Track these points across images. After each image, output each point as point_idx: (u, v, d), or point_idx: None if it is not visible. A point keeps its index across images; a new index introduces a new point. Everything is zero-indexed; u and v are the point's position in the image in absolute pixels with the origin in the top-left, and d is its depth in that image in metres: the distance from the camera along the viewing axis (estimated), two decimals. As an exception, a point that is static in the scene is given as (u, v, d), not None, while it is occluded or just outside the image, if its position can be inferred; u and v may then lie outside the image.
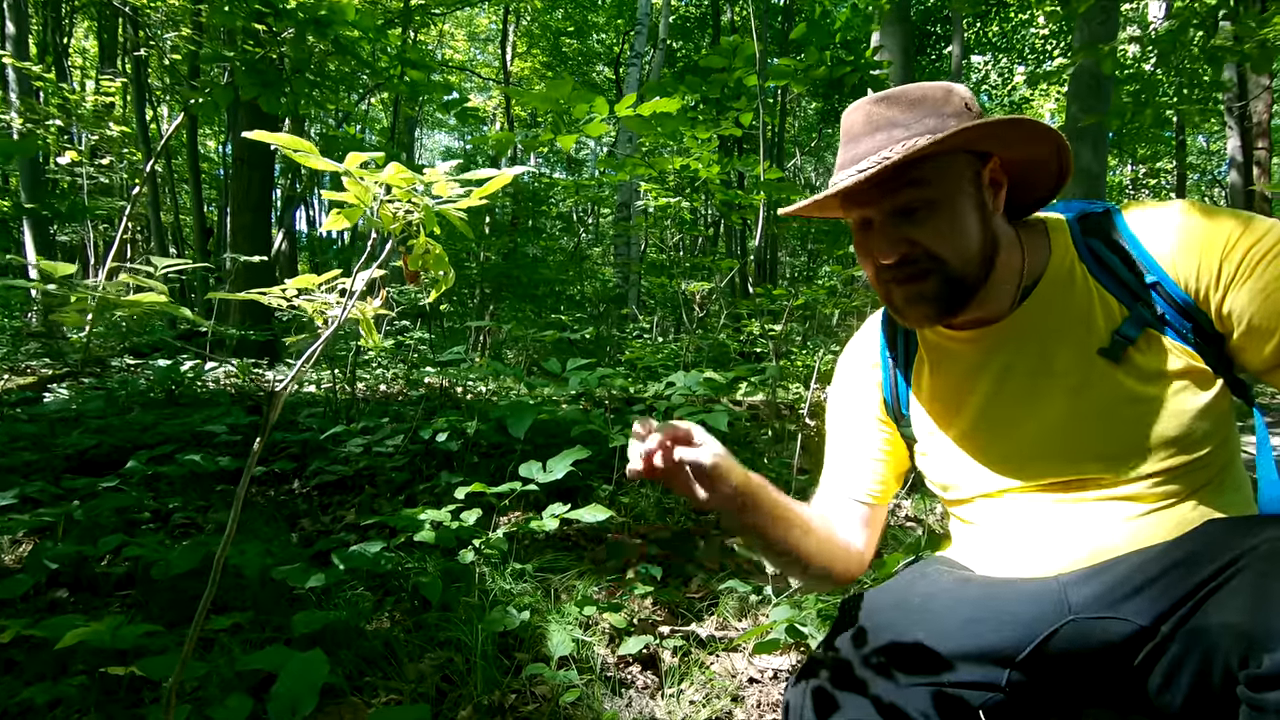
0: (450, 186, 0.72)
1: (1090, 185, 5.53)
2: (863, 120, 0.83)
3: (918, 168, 0.79)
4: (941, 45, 12.92)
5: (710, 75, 3.00)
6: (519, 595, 1.72)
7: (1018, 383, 0.86)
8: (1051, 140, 0.81)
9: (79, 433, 2.76)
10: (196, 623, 0.75)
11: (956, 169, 0.80)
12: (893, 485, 1.01)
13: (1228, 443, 0.81)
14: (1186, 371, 0.78)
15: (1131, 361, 0.79)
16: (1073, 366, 0.82)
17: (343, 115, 9.98)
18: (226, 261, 5.59)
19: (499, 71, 14.33)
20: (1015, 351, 0.86)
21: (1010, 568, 0.85)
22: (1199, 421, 0.78)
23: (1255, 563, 0.66)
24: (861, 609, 0.85)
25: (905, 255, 0.81)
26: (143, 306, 0.66)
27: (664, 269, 5.94)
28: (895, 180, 0.79)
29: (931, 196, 0.79)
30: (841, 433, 1.03)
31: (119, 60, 9.30)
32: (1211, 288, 0.77)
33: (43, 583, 1.74)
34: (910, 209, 0.80)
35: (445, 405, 3.40)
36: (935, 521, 2.53)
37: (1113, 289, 0.81)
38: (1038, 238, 0.88)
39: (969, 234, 0.80)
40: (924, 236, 0.80)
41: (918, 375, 0.95)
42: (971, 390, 0.89)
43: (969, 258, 0.81)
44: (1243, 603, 0.64)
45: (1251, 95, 8.19)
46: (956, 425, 0.91)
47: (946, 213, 0.80)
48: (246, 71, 3.42)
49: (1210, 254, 0.77)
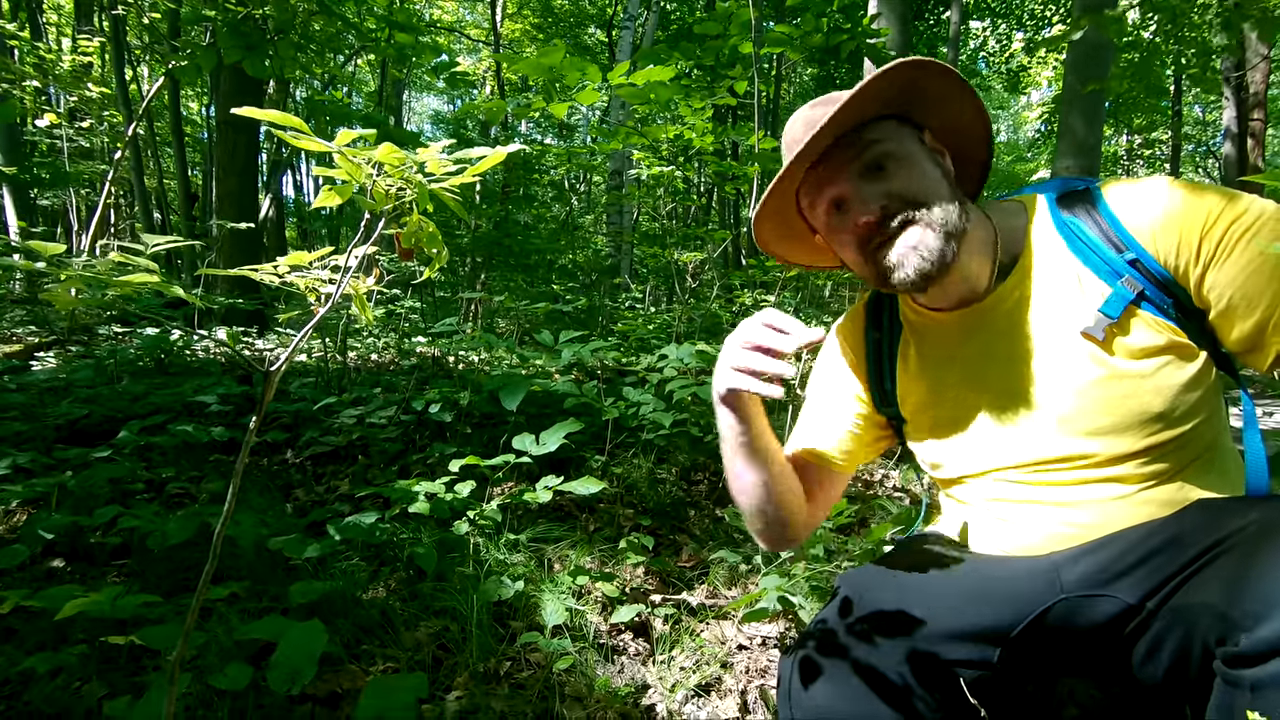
0: (443, 165, 0.71)
1: (1085, 156, 5.49)
2: (801, 124, 0.87)
3: (870, 129, 0.83)
4: (940, 10, 12.68)
5: (705, 42, 2.94)
6: (513, 565, 1.75)
7: (1000, 362, 0.86)
8: (965, 93, 0.85)
9: (69, 402, 2.75)
10: (199, 594, 0.76)
11: (902, 133, 0.85)
12: (857, 458, 1.03)
13: (1214, 417, 0.82)
14: (1169, 346, 0.79)
15: (1114, 339, 0.80)
16: (1055, 344, 0.83)
17: (329, 78, 9.75)
18: (213, 228, 5.50)
19: (489, 33, 13.99)
20: (996, 330, 0.86)
21: (1002, 545, 0.87)
22: (1184, 395, 0.79)
23: (1238, 545, 0.68)
24: (857, 585, 0.87)
25: (886, 208, 0.82)
26: (135, 285, 0.65)
27: (657, 238, 5.90)
28: (850, 141, 0.83)
29: (891, 150, 0.83)
30: (818, 400, 1.05)
31: (96, 18, 9.00)
32: (1191, 264, 0.77)
33: (38, 553, 1.76)
34: (878, 164, 0.83)
35: (437, 376, 3.40)
36: (923, 492, 2.58)
37: (1093, 266, 0.82)
38: (1014, 217, 0.88)
39: (938, 185, 0.83)
40: (899, 185, 0.82)
41: (903, 357, 0.96)
42: (955, 371, 0.90)
43: (946, 204, 0.82)
44: (1223, 584, 0.67)
45: (1249, 65, 8.11)
46: (941, 406, 0.92)
47: (910, 165, 0.83)
48: (229, 33, 3.33)
49: (1190, 230, 0.77)
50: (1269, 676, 0.60)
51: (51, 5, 10.70)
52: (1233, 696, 0.63)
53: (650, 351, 2.83)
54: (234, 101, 5.88)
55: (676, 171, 5.10)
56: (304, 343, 0.74)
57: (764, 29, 3.77)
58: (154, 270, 0.67)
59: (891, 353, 0.97)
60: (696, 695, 1.37)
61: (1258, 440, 0.82)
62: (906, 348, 0.96)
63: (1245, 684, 0.62)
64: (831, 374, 1.05)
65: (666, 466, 2.56)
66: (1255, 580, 0.64)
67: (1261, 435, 0.83)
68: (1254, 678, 0.61)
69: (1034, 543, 0.84)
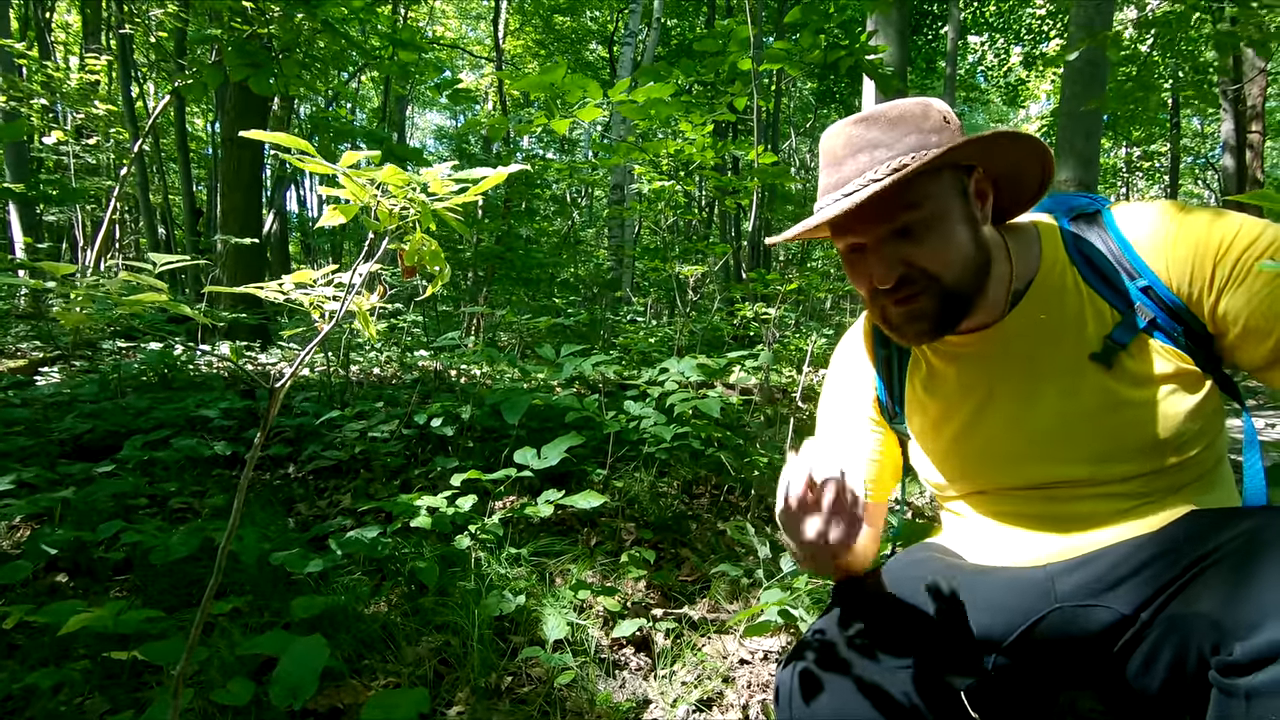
0: (445, 185, 0.73)
1: (1084, 169, 5.52)
2: (843, 143, 0.82)
3: (906, 190, 0.78)
4: (938, 25, 12.80)
5: (705, 58, 2.98)
6: (514, 580, 1.74)
7: (1010, 386, 0.86)
8: (1034, 148, 0.81)
9: (73, 417, 2.76)
10: (202, 610, 0.77)
11: (943, 186, 0.80)
12: (888, 484, 1.02)
13: (1216, 442, 0.83)
14: (1177, 375, 0.79)
15: (1123, 366, 0.80)
16: (1064, 370, 0.83)
17: (333, 94, 9.84)
18: (217, 244, 5.54)
19: (491, 49, 14.15)
20: (1007, 356, 0.87)
21: (999, 557, 0.88)
22: (1189, 424, 0.79)
23: (1230, 555, 0.69)
24: (853, 595, 0.88)
25: (903, 277, 0.80)
26: (143, 304, 0.67)
27: (658, 252, 5.93)
28: (886, 204, 0.78)
29: (924, 216, 0.79)
30: (835, 434, 1.03)
31: (104, 36, 9.12)
32: (1205, 291, 0.77)
33: (41, 568, 1.76)
34: (903, 230, 0.79)
35: (439, 390, 3.42)
36: (925, 504, 2.58)
37: (1104, 293, 0.82)
38: (1027, 242, 0.88)
39: (962, 250, 0.80)
40: (919, 256, 0.79)
41: (912, 375, 0.96)
42: (964, 393, 0.90)
43: (964, 273, 0.80)
44: (1217, 593, 0.67)
45: (1247, 78, 8.17)
46: (949, 427, 0.92)
47: (940, 231, 0.79)
48: (234, 51, 3.37)
49: (1204, 258, 0.77)
50: (1263, 684, 0.60)
51: (60, 24, 10.84)
52: (1229, 706, 0.63)
53: (652, 365, 2.84)
54: (239, 118, 5.97)
55: (677, 186, 5.14)
56: (307, 357, 0.75)
57: (763, 45, 3.82)
58: (161, 289, 0.68)
59: (901, 371, 0.97)
60: (698, 710, 1.36)
61: (1258, 461, 0.83)
62: (917, 367, 0.95)
63: (1240, 693, 0.62)
64: (842, 407, 1.03)
65: (668, 480, 2.56)
66: (1248, 589, 0.64)
67: (1261, 451, 0.84)
68: (1249, 686, 0.61)
69: (1029, 555, 0.85)
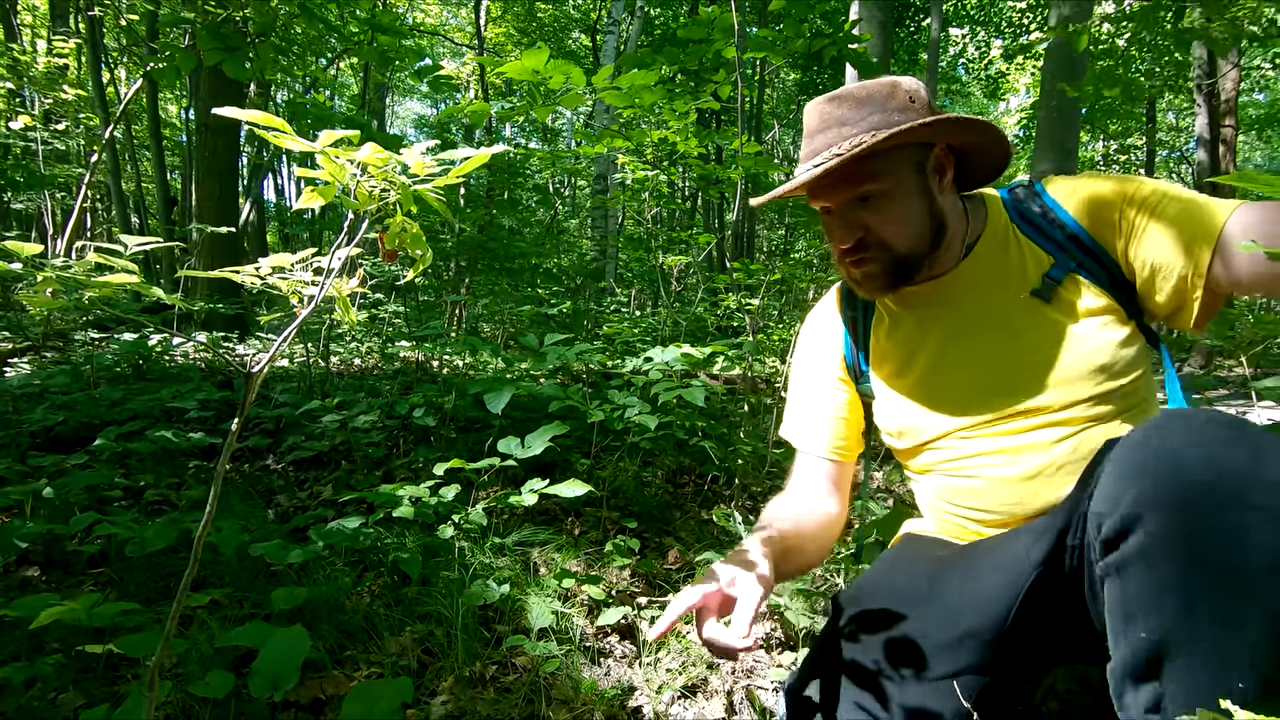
0: (426, 166, 0.71)
1: (1062, 160, 5.58)
2: (816, 119, 0.94)
3: (867, 162, 0.89)
4: (920, 17, 12.84)
5: (689, 46, 2.96)
6: (499, 569, 1.74)
7: (964, 328, 0.97)
8: (984, 130, 0.91)
9: (44, 409, 2.69)
10: (178, 602, 0.75)
11: (902, 160, 0.92)
12: (855, 444, 1.11)
13: (1148, 375, 0.92)
14: (1108, 309, 0.91)
15: (1060, 299, 0.92)
16: (1011, 307, 0.94)
17: (311, 81, 9.67)
18: (193, 232, 5.43)
19: (473, 36, 13.96)
20: (962, 300, 0.98)
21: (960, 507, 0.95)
22: (1123, 349, 0.89)
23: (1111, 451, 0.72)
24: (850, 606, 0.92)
25: (859, 240, 0.93)
26: (114, 287, 0.65)
27: (642, 242, 5.91)
28: (847, 175, 0.90)
29: (881, 188, 0.91)
30: (803, 393, 1.14)
31: (72, 19, 8.86)
32: (1116, 235, 0.91)
33: (12, 562, 1.72)
34: (863, 197, 0.92)
35: (421, 380, 3.38)
36: (906, 493, 2.60)
37: (1040, 242, 0.95)
38: (978, 206, 1.02)
39: (915, 220, 0.93)
40: (875, 223, 0.92)
41: (877, 329, 1.06)
42: (923, 338, 1.00)
43: (915, 241, 0.93)
44: (1096, 488, 0.71)
45: (1221, 73, 8.29)
46: (911, 373, 1.01)
47: (896, 200, 0.92)
48: (209, 35, 3.29)
49: (1111, 210, 0.91)
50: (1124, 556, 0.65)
51: (26, 6, 10.52)
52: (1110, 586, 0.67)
53: (636, 354, 2.83)
54: (213, 104, 5.82)
55: (661, 175, 5.12)
56: (286, 347, 0.74)
57: (747, 34, 3.80)
58: (133, 271, 0.66)
59: (867, 328, 1.07)
60: (683, 696, 1.37)
61: (1176, 384, 0.95)
62: (880, 321, 1.06)
63: (1112, 568, 0.66)
64: (810, 369, 1.14)
65: (652, 469, 2.56)
66: (1109, 469, 0.69)
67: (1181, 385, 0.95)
68: (1116, 562, 0.66)
69: (988, 499, 0.92)
